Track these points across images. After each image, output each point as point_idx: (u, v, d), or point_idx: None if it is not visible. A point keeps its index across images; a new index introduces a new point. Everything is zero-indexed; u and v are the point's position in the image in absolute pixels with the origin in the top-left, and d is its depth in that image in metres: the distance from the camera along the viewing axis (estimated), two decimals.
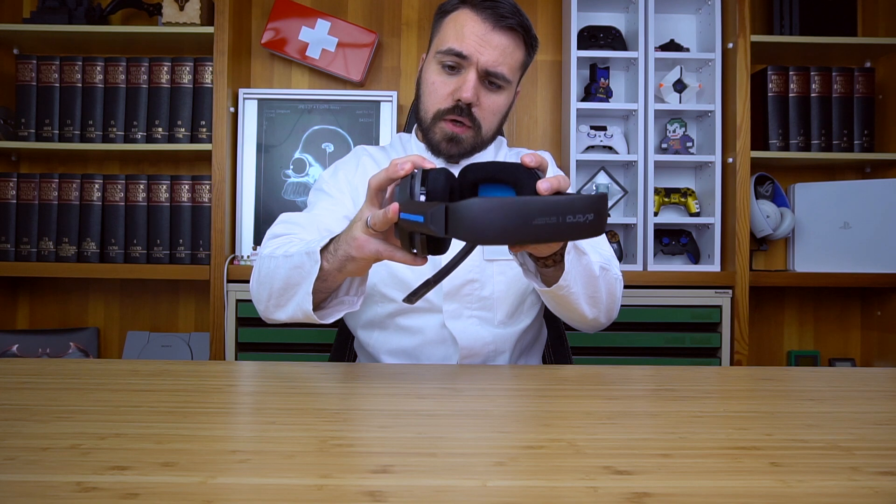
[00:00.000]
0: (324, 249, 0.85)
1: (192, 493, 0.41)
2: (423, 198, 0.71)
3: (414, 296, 0.74)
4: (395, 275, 1.08)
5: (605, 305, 1.00)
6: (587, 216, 0.63)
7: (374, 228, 0.77)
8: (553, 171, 1.21)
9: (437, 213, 0.63)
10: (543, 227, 0.62)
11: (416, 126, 1.16)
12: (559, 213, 0.62)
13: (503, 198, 0.62)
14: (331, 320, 0.91)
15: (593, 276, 0.96)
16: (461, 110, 1.05)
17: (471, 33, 1.03)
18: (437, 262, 1.01)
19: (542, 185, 0.72)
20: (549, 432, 0.57)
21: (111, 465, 0.46)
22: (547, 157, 1.24)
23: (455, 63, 1.05)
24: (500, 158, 1.20)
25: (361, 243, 0.79)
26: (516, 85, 1.11)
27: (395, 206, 0.72)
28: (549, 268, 0.89)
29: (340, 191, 1.13)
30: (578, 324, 1.03)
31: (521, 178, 0.75)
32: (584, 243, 0.99)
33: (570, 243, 0.87)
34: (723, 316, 1.91)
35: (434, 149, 1.10)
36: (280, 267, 0.91)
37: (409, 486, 0.43)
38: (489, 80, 1.05)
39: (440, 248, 0.74)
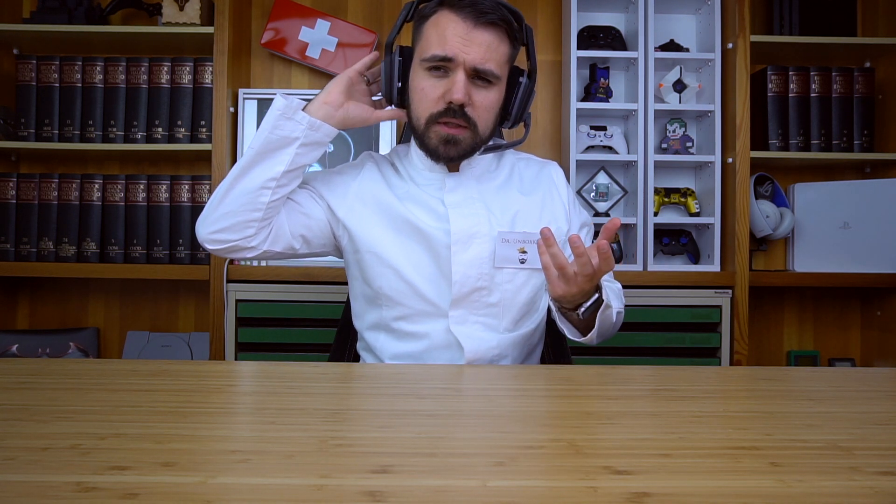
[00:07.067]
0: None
1: (192, 493, 0.41)
2: None
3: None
4: (402, 277, 1.08)
5: (607, 336, 1.13)
6: None
7: None
8: (568, 195, 1.20)
9: None
10: None
11: (412, 136, 1.14)
12: None
13: None
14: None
15: (611, 325, 1.08)
16: (454, 112, 1.04)
17: (453, 34, 1.02)
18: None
19: None
20: (549, 432, 0.57)
21: (111, 465, 0.46)
22: (555, 167, 1.23)
23: (441, 66, 1.04)
24: (508, 168, 1.18)
25: None
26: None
27: None
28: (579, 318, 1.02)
29: (331, 190, 1.13)
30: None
31: None
32: (606, 280, 1.11)
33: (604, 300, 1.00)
34: (722, 316, 1.91)
35: (432, 153, 1.08)
36: (242, 160, 1.05)
37: (409, 486, 0.43)
38: (478, 77, 1.04)
39: None
